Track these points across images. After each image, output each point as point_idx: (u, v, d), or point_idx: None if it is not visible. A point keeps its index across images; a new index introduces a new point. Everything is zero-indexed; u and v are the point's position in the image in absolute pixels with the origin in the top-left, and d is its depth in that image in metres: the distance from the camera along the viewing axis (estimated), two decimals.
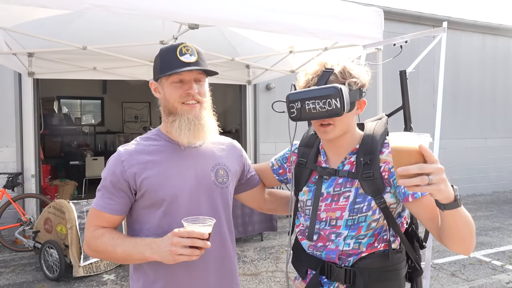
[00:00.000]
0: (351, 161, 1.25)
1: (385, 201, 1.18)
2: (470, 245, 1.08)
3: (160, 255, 1.14)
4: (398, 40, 2.71)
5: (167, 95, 1.27)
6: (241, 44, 4.81)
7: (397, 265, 1.23)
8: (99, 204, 1.25)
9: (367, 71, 1.27)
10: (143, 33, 3.82)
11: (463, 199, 8.18)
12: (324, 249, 1.26)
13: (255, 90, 6.72)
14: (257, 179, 1.53)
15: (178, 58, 1.22)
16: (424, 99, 8.12)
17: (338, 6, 3.00)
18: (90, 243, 1.26)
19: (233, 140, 1.52)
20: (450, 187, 0.96)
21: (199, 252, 1.11)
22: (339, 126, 1.21)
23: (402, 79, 1.58)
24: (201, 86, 1.28)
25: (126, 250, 1.20)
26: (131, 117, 10.85)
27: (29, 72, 4.83)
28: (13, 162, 5.30)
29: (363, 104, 1.26)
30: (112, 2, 2.01)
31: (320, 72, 1.23)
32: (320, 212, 1.27)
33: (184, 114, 1.25)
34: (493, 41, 8.90)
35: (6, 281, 3.90)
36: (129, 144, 1.31)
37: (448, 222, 1.04)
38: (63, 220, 3.91)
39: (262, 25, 2.58)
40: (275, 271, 4.08)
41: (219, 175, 1.33)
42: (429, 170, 0.90)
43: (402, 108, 1.53)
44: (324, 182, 1.28)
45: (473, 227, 1.06)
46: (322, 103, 1.14)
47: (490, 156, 8.97)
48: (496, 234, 5.60)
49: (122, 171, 1.23)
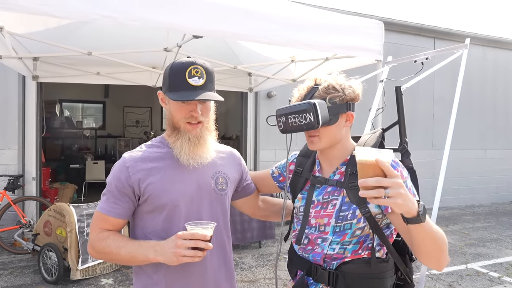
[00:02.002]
0: (341, 171, 1.33)
1: (370, 211, 1.23)
2: (440, 260, 1.12)
3: (164, 256, 1.18)
4: (420, 57, 2.72)
5: (172, 111, 1.33)
6: (244, 52, 4.87)
7: (382, 274, 1.27)
8: (104, 208, 1.30)
9: (358, 85, 1.34)
10: (147, 40, 3.88)
11: (462, 210, 8.20)
12: (312, 252, 1.33)
13: (256, 98, 6.77)
14: (252, 187, 1.60)
15: (186, 80, 1.25)
16: (423, 110, 8.18)
17: (338, 19, 3.04)
18: (95, 245, 1.30)
19: (232, 149, 1.58)
20: (411, 202, 1.00)
21: (202, 254, 1.16)
22: (325, 137, 1.30)
23: (397, 95, 1.64)
24: (205, 106, 1.33)
25: (130, 252, 1.25)
26: (132, 121, 10.90)
27: (33, 76, 4.88)
28: (14, 164, 5.33)
29: (351, 116, 1.32)
30: (119, 13, 2.07)
31: (310, 87, 1.33)
32: (310, 218, 1.35)
33: (186, 134, 1.31)
34: (494, 53, 8.98)
35: (4, 283, 3.91)
36: (134, 150, 1.36)
37: (414, 236, 1.10)
38: (63, 223, 3.93)
39: (263, 37, 2.64)
40: (273, 278, 4.09)
41: (219, 183, 1.39)
42: (386, 184, 0.96)
43: (397, 123, 1.58)
44: (315, 190, 1.36)
45: (442, 243, 1.10)
46: (300, 117, 1.25)
47: (490, 167, 9.00)
48: (494, 245, 5.61)
49: (127, 177, 1.28)
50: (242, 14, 2.53)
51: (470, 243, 5.73)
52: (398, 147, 1.51)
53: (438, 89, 8.31)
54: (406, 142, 1.52)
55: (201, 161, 1.33)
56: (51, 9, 1.94)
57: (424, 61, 2.68)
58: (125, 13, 2.09)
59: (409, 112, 8.11)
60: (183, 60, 1.29)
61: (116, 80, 5.27)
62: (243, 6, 2.57)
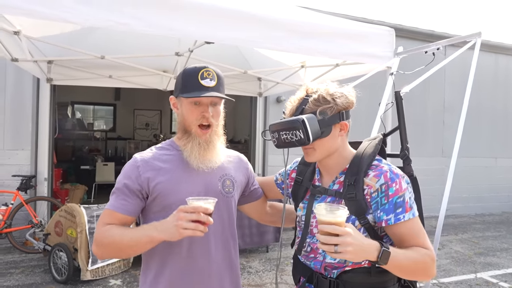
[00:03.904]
0: (340, 180, 1.33)
1: (369, 221, 1.25)
2: (424, 277, 1.25)
3: (167, 232, 1.18)
4: (431, 47, 2.58)
5: (184, 113, 1.37)
6: (254, 57, 4.91)
7: (383, 283, 1.27)
8: (113, 204, 1.32)
9: (351, 91, 1.33)
10: (159, 44, 3.94)
11: (471, 218, 8.09)
12: (313, 260, 1.35)
13: (265, 102, 6.80)
14: (260, 192, 1.63)
15: (199, 81, 1.31)
16: (433, 117, 8.12)
17: (349, 25, 3.05)
18: (98, 239, 1.30)
19: (240, 154, 1.62)
20: (366, 252, 1.09)
21: (203, 228, 1.16)
22: (320, 149, 1.30)
23: (397, 100, 1.63)
24: (216, 109, 1.38)
25: (133, 237, 1.24)
26: (142, 124, 11.01)
27: (47, 78, 4.98)
28: (27, 165, 5.42)
29: (345, 126, 1.31)
30: (134, 20, 2.12)
31: (301, 99, 1.32)
32: (312, 227, 1.36)
33: (196, 138, 1.35)
34: (506, 60, 8.89)
35: (16, 282, 3.98)
36: (145, 152, 1.41)
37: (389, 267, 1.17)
38: (73, 224, 3.99)
39: (274, 44, 2.67)
40: (280, 283, 4.09)
41: (226, 185, 1.43)
42: (334, 242, 1.05)
43: (398, 128, 1.56)
44: (315, 200, 1.37)
45: (416, 267, 1.19)
46: (291, 134, 1.26)
47: (500, 176, 8.88)
48: (504, 255, 5.53)
49: (137, 176, 1.32)
50: (254, 21, 2.57)
51: (479, 252, 5.66)
52: (399, 153, 1.49)
53: (449, 96, 8.25)
54: (407, 148, 1.50)
55: (210, 165, 1.36)
56: (68, 15, 1.99)
57: (436, 51, 2.54)
58: (139, 19, 2.15)
59: (419, 119, 8.09)
60: (196, 65, 1.35)
61: (127, 83, 5.35)
62: (254, 12, 2.60)
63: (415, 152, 2.14)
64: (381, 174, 1.23)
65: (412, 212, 1.22)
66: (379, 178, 1.23)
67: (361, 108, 1.86)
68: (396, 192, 1.21)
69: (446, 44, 2.63)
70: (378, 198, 1.22)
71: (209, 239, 1.36)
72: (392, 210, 1.21)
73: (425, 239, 1.23)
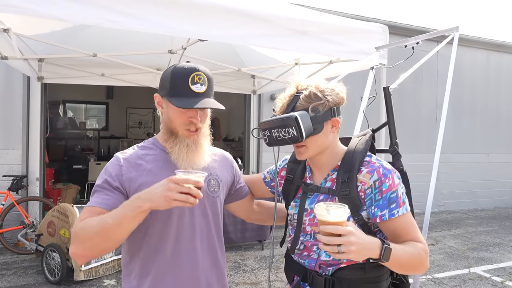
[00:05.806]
0: (332, 178, 1.32)
1: (363, 218, 1.25)
2: (419, 271, 1.26)
3: (153, 201, 1.11)
4: (410, 41, 2.60)
5: (171, 116, 1.33)
6: (248, 54, 4.89)
7: (377, 278, 1.28)
8: (94, 201, 1.25)
9: (341, 87, 1.32)
10: (152, 42, 3.90)
11: (464, 213, 8.17)
12: (307, 258, 1.34)
13: (259, 100, 6.78)
14: (246, 190, 1.60)
15: (189, 86, 1.26)
16: (427, 114, 8.17)
17: (342, 23, 3.05)
18: (76, 233, 1.19)
19: (225, 151, 1.59)
20: (369, 251, 1.09)
21: (193, 200, 1.10)
22: (312, 147, 1.29)
23: (386, 95, 1.63)
24: (204, 113, 1.36)
25: (117, 216, 1.14)
26: (135, 122, 10.92)
27: (38, 77, 4.91)
28: (18, 164, 5.35)
29: (336, 122, 1.30)
30: (126, 17, 2.10)
31: (292, 96, 1.30)
32: (305, 225, 1.35)
33: (184, 140, 1.33)
34: (498, 57, 8.96)
35: (8, 283, 3.93)
36: (127, 151, 1.38)
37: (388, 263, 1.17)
38: (66, 224, 3.95)
39: (267, 42, 2.66)
40: (275, 280, 4.09)
41: (211, 185, 1.41)
42: (337, 242, 1.03)
43: (387, 123, 1.56)
44: (308, 198, 1.36)
45: (414, 262, 1.21)
46: (283, 131, 1.24)
47: (492, 172, 8.98)
48: (496, 250, 5.59)
49: (118, 174, 1.28)
50: (247, 19, 2.55)
51: (472, 247, 5.72)
52: (389, 149, 1.48)
53: (441, 92, 8.31)
54: (396, 143, 1.49)
55: (197, 167, 1.33)
56: (59, 13, 1.96)
57: (415, 46, 2.57)
58: (131, 17, 2.12)
59: (413, 116, 8.13)
60: (185, 66, 1.29)
61: (120, 81, 5.30)
62: (247, 10, 2.58)
63: (408, 148, 2.15)
64: (374, 170, 1.23)
65: (405, 207, 1.23)
66: (372, 175, 1.23)
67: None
68: (390, 187, 1.22)
69: (425, 38, 2.66)
70: (372, 195, 1.22)
71: (194, 239, 1.34)
72: (386, 206, 1.21)
73: (418, 233, 1.24)
